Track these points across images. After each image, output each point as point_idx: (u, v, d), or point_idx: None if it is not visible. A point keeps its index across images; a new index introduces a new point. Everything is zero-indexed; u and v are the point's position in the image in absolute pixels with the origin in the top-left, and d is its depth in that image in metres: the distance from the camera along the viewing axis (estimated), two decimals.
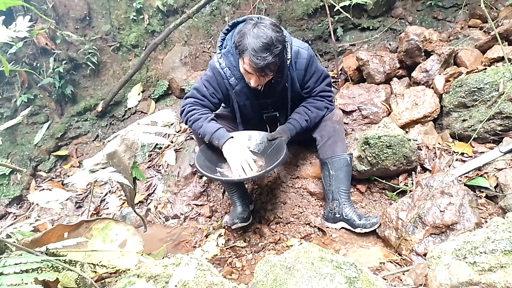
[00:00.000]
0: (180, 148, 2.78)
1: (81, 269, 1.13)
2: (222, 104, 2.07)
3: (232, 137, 1.77)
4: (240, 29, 1.64)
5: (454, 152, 2.00)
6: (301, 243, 1.17)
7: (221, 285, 1.00)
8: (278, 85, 1.83)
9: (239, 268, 1.86)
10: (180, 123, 2.97)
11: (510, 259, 0.98)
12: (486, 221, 1.60)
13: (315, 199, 2.16)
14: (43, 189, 2.84)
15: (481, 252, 1.03)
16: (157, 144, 2.93)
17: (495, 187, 1.73)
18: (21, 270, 0.87)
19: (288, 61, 1.74)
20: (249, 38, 1.54)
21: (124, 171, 1.29)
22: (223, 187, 2.41)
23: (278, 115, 2.01)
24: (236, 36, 1.65)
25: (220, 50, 1.82)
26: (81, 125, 3.17)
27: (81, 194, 2.86)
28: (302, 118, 1.91)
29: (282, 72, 1.75)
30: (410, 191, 1.85)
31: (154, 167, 2.81)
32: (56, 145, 3.11)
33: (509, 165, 1.75)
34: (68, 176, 3.01)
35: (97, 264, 1.18)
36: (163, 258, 1.75)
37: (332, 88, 2.04)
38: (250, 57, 1.54)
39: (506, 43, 2.21)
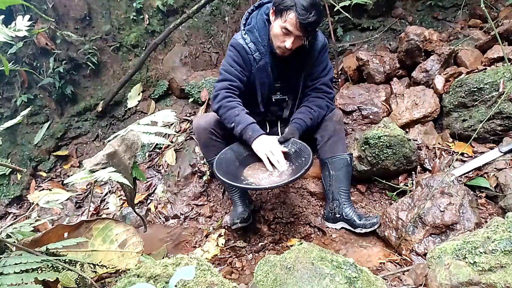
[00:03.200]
0: (180, 148, 2.78)
1: (81, 269, 1.13)
2: None
3: (264, 133, 1.78)
4: None
5: (454, 152, 2.00)
6: (301, 243, 1.17)
7: (221, 285, 1.00)
8: (300, 56, 1.86)
9: (239, 268, 1.86)
10: (180, 123, 2.97)
11: (510, 259, 0.98)
12: (486, 221, 1.60)
13: (315, 199, 2.16)
14: (43, 189, 2.84)
15: (481, 252, 1.03)
16: (157, 144, 2.93)
17: (495, 187, 1.73)
18: (21, 270, 0.87)
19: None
20: None
21: (124, 171, 1.29)
22: (223, 187, 2.41)
23: (287, 99, 2.05)
24: None
25: (245, 27, 1.90)
26: (81, 125, 3.17)
27: (81, 194, 2.86)
28: (307, 116, 1.91)
29: (313, 39, 1.82)
30: (410, 191, 1.85)
31: (154, 167, 2.81)
32: (56, 145, 3.11)
33: (509, 165, 1.75)
34: (68, 176, 3.01)
35: (97, 264, 1.18)
36: (163, 258, 1.75)
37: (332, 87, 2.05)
38: (299, 10, 1.59)
39: (506, 43, 2.21)
